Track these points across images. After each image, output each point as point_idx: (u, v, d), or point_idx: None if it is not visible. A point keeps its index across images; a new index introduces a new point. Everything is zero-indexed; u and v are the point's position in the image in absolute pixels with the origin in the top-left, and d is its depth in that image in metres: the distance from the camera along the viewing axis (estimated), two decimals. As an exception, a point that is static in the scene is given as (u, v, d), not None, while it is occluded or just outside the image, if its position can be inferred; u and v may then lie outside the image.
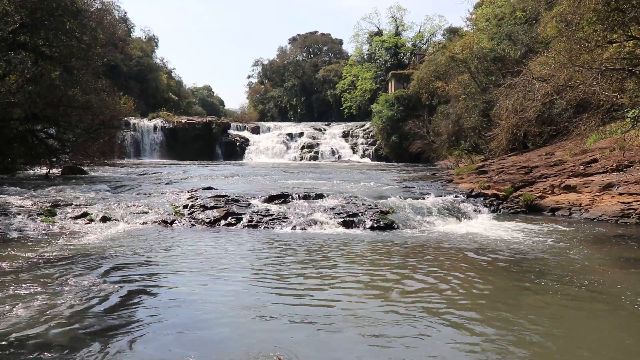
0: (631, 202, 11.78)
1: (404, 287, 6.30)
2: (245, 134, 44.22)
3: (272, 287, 6.20)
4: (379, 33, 59.53)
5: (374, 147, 42.20)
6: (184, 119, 43.02)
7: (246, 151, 41.74)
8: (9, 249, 7.86)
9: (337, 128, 46.20)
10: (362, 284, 6.45)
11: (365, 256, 8.14)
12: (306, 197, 12.60)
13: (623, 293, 6.10)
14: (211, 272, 6.83)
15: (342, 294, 6.00)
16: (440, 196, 13.83)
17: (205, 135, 41.70)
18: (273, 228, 10.38)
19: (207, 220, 10.71)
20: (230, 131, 43.93)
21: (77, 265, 6.88)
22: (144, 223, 10.47)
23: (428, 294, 6.02)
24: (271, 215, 11.01)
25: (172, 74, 67.43)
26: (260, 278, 6.65)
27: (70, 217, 10.58)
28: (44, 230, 9.53)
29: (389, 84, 49.62)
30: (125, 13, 56.18)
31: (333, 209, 11.42)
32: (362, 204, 11.82)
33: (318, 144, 42.77)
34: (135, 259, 7.46)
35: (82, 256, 7.48)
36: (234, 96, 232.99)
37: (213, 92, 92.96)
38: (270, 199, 12.25)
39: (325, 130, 45.80)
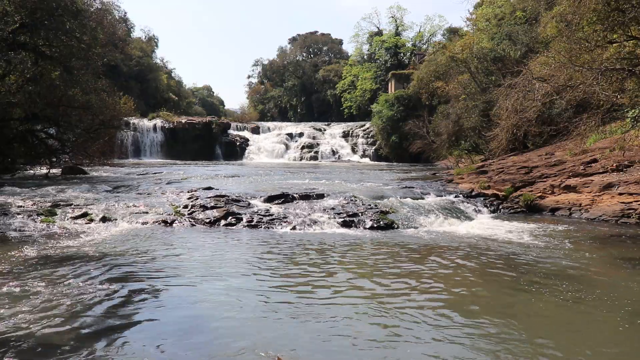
0: (631, 202, 11.78)
1: (404, 287, 6.30)
2: (245, 134, 44.23)
3: (272, 287, 6.20)
4: (379, 33, 59.54)
5: (374, 147, 42.20)
6: (184, 119, 43.03)
7: (246, 151, 41.74)
8: (9, 249, 7.85)
9: (337, 128, 46.20)
10: (362, 284, 6.44)
11: (365, 256, 8.14)
12: (306, 197, 12.60)
13: (623, 293, 6.10)
14: (211, 272, 6.83)
15: (342, 294, 6.00)
16: (440, 196, 13.84)
17: (205, 135, 41.71)
18: (273, 228, 10.38)
19: (207, 220, 10.71)
20: (230, 131, 43.94)
21: (77, 265, 6.88)
22: (144, 223, 10.47)
23: (428, 294, 6.02)
24: (271, 215, 11.01)
25: (172, 74, 67.51)
26: (260, 278, 6.65)
27: (70, 217, 10.58)
28: (44, 230, 9.52)
29: (389, 84, 49.63)
30: (125, 13, 56.33)
31: (333, 209, 11.42)
32: (362, 204, 11.82)
33: (318, 144, 42.76)
34: (135, 259, 7.46)
35: (82, 256, 7.48)
36: (234, 96, 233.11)
37: (213, 92, 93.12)
38: (270, 199, 12.26)
39: (325, 130, 45.81)
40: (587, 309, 5.54)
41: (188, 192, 13.25)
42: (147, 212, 11.13)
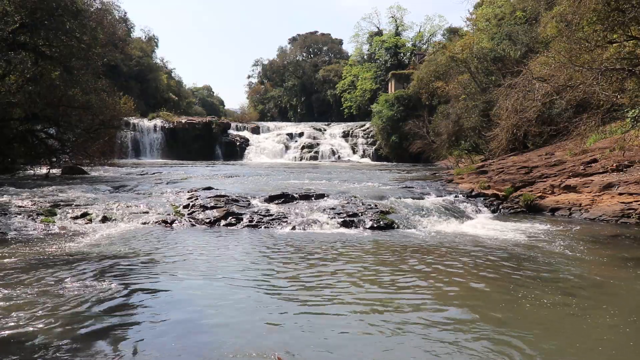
0: (631, 202, 11.78)
1: (404, 287, 6.30)
2: (245, 134, 44.22)
3: (272, 287, 6.20)
4: (379, 33, 59.54)
5: (374, 147, 42.19)
6: (184, 119, 43.02)
7: (246, 151, 41.73)
8: (9, 249, 7.85)
9: (337, 128, 46.20)
10: (362, 284, 6.44)
11: (365, 256, 8.14)
12: (306, 197, 12.60)
13: (623, 293, 6.10)
14: (211, 272, 6.83)
15: (342, 294, 6.00)
16: (440, 196, 13.83)
17: (205, 135, 41.70)
18: (273, 228, 10.38)
19: (207, 220, 10.71)
20: (230, 131, 43.93)
21: (77, 266, 6.88)
22: (144, 223, 10.47)
23: (427, 294, 6.02)
24: (271, 215, 11.01)
25: (172, 74, 67.50)
26: (260, 278, 6.65)
27: (70, 217, 10.58)
28: (44, 230, 9.52)
29: (389, 84, 49.63)
30: (125, 13, 56.32)
31: (333, 209, 11.42)
32: (362, 204, 11.82)
33: (318, 144, 42.75)
34: (135, 259, 7.46)
35: (82, 256, 7.48)
36: (234, 96, 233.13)
37: (213, 92, 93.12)
38: (271, 199, 12.25)
39: (325, 130, 45.80)
40: (586, 308, 5.54)
41: (188, 192, 13.24)
42: (147, 212, 11.13)
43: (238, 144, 42.13)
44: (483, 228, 10.89)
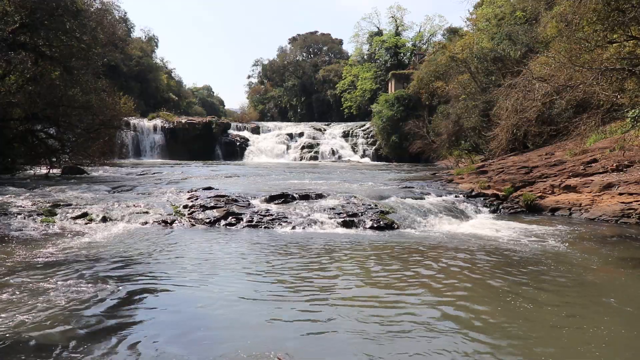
0: (631, 202, 11.78)
1: (404, 287, 6.30)
2: (245, 134, 44.23)
3: (271, 287, 6.20)
4: (379, 33, 59.56)
5: (374, 147, 42.21)
6: (184, 119, 43.04)
7: (246, 151, 41.74)
8: (8, 249, 7.85)
9: (337, 128, 46.20)
10: (362, 284, 6.44)
11: (365, 256, 8.13)
12: (306, 197, 12.60)
13: (623, 293, 6.10)
14: (211, 272, 6.83)
15: (342, 294, 6.00)
16: (440, 196, 13.83)
17: (205, 135, 41.71)
18: (273, 228, 10.38)
19: (207, 220, 10.71)
20: (230, 131, 43.94)
21: (77, 266, 6.88)
22: (144, 223, 10.46)
23: (427, 295, 6.02)
24: (271, 215, 11.01)
25: (172, 74, 67.58)
26: (260, 278, 6.65)
27: (70, 217, 10.57)
28: (44, 230, 9.52)
29: (389, 84, 49.64)
30: (125, 13, 56.37)
31: (333, 209, 11.41)
32: (362, 204, 11.82)
33: (318, 144, 42.76)
34: (135, 259, 7.46)
35: (82, 256, 7.48)
36: (234, 96, 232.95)
37: (213, 92, 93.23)
38: (271, 199, 12.25)
39: (325, 130, 45.79)
40: (586, 308, 5.54)
41: (188, 192, 13.25)
42: (147, 212, 11.12)
43: (238, 144, 42.14)
44: (483, 228, 10.89)
